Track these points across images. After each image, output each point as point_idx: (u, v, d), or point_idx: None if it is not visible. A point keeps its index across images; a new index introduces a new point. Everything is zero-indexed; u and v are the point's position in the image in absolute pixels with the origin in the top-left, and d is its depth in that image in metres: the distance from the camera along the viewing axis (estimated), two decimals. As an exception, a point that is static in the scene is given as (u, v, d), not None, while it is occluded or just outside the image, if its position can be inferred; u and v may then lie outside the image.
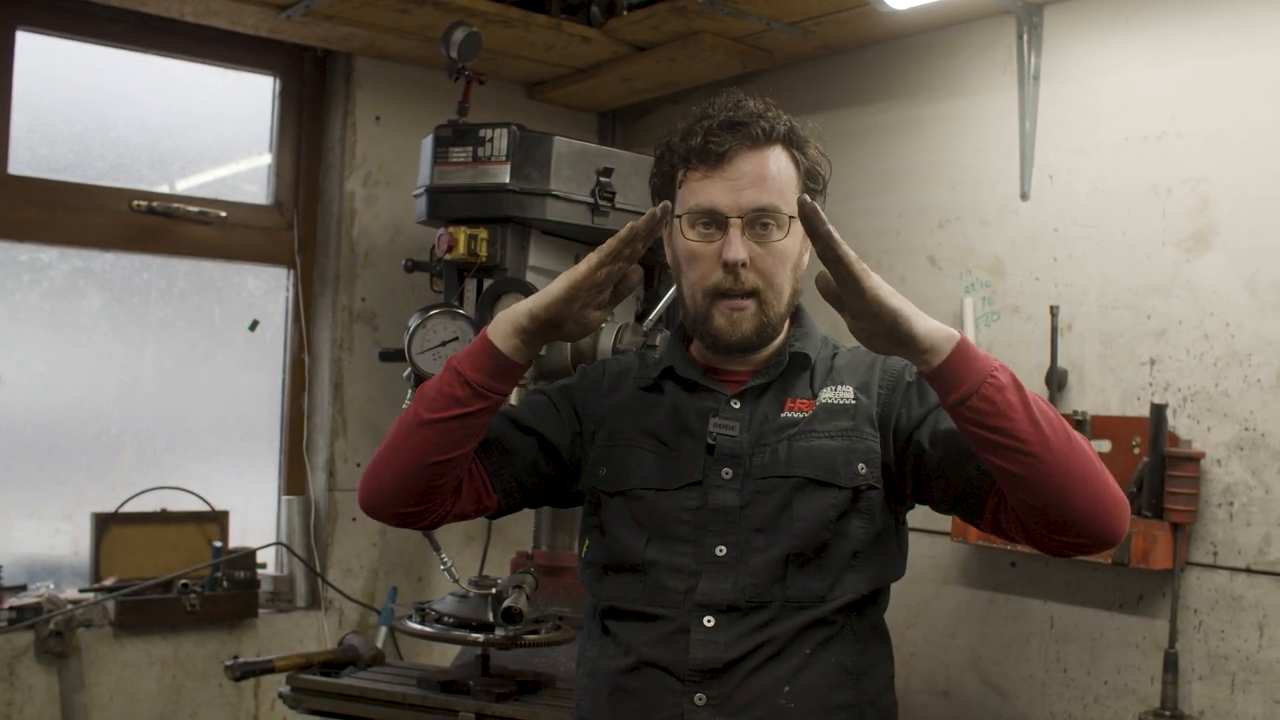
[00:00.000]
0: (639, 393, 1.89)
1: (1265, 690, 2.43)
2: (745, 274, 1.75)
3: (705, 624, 1.71)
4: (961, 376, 1.55)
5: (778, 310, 1.80)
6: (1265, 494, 2.45)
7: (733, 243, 1.73)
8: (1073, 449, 1.56)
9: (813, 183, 1.83)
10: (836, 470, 1.74)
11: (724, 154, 1.75)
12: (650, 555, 1.77)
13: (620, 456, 1.84)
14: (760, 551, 1.72)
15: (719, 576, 1.72)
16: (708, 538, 1.75)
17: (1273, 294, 2.46)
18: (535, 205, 2.71)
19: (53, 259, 3.27)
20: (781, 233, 1.75)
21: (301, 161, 3.66)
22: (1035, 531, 1.62)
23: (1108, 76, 2.76)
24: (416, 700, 2.53)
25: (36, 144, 3.24)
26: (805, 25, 3.11)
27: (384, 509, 1.78)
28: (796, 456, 1.75)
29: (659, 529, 1.78)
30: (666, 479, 1.79)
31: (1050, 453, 1.54)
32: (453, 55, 2.78)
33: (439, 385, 1.70)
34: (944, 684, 3.01)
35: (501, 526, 3.61)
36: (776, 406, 1.81)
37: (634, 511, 1.80)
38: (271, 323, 3.66)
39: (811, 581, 1.71)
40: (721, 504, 1.75)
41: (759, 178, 1.75)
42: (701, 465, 1.78)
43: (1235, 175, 2.52)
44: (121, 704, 3.19)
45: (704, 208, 1.76)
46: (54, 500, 3.30)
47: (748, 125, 1.76)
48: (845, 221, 3.21)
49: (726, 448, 1.77)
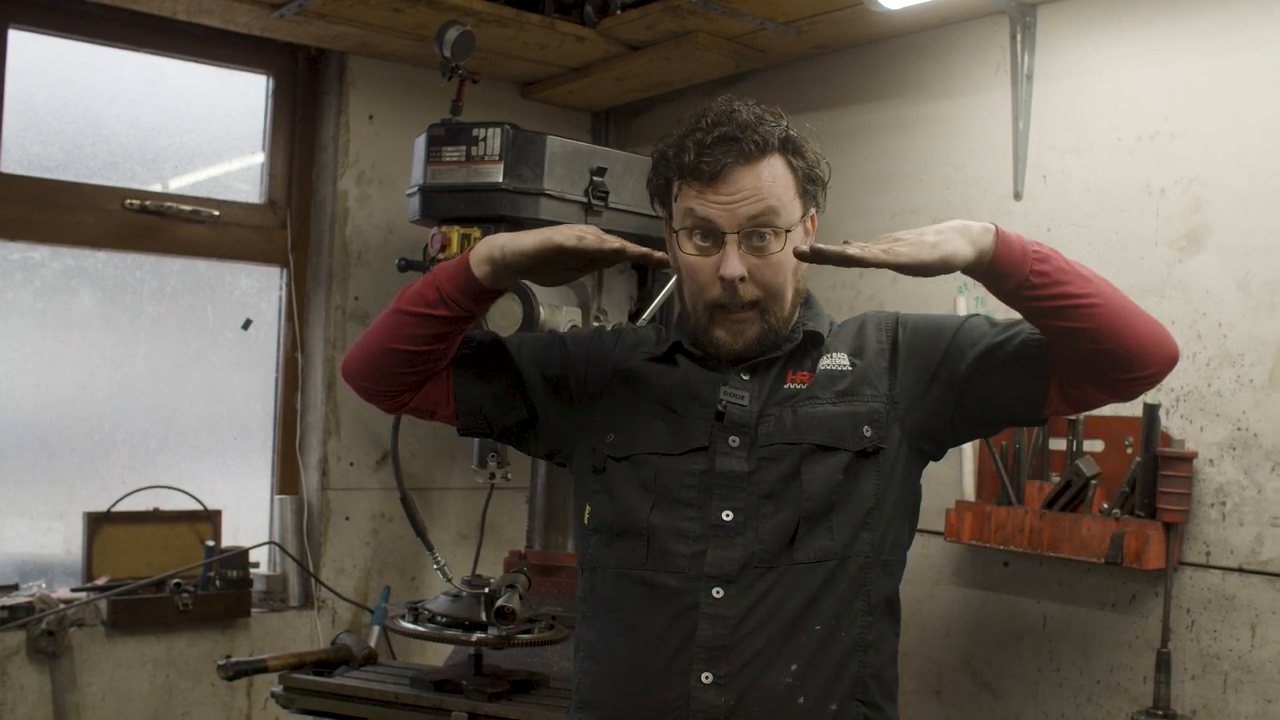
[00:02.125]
0: (650, 363, 1.90)
1: (1257, 690, 2.44)
2: (744, 288, 1.76)
3: (714, 595, 1.71)
4: (1011, 265, 1.64)
5: (781, 315, 1.82)
6: (1257, 494, 2.46)
7: (729, 259, 1.74)
8: (1114, 289, 1.68)
9: (811, 185, 1.83)
10: (843, 435, 1.77)
11: (718, 172, 1.74)
12: (655, 520, 1.78)
13: (629, 422, 1.86)
14: (768, 518, 1.74)
15: (726, 544, 1.73)
16: (714, 502, 1.76)
17: (1265, 294, 2.46)
18: (528, 205, 2.71)
19: (45, 257, 3.27)
20: (779, 243, 1.76)
21: (295, 160, 3.65)
22: (1109, 381, 1.70)
23: (1101, 76, 2.76)
24: (409, 700, 2.52)
25: (29, 142, 3.23)
26: (799, 25, 3.11)
27: (351, 377, 1.88)
28: (803, 423, 1.78)
29: (664, 493, 1.79)
30: (673, 444, 1.81)
31: (1105, 296, 1.66)
32: (446, 54, 2.78)
33: (420, 284, 1.79)
34: (936, 683, 3.01)
35: (495, 526, 3.62)
36: (780, 378, 1.84)
37: (640, 476, 1.81)
38: (264, 322, 3.65)
39: (822, 541, 1.73)
40: (729, 469, 1.77)
41: (754, 191, 1.74)
42: (709, 431, 1.80)
43: (1228, 175, 2.53)
44: (114, 703, 3.18)
45: (700, 224, 1.76)
46: (46, 499, 3.29)
47: (740, 141, 1.74)
48: (839, 222, 3.22)
49: (736, 416, 1.79)
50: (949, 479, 2.87)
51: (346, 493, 3.59)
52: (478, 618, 2.54)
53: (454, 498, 3.76)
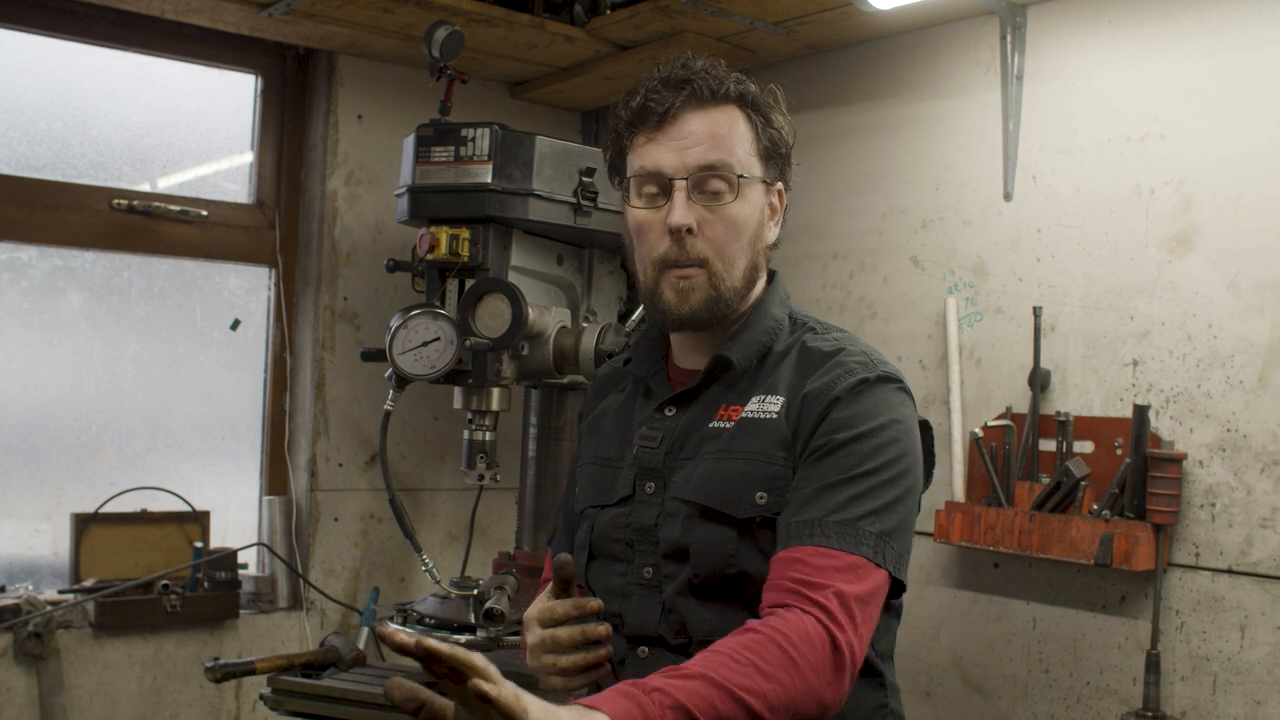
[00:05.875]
0: (612, 401, 1.81)
1: (1246, 691, 2.44)
2: (692, 241, 1.62)
3: (639, 655, 1.61)
4: None
5: (730, 284, 1.65)
6: (1247, 495, 2.46)
7: (676, 206, 1.60)
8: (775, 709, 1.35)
9: (775, 151, 1.70)
10: (731, 498, 1.59)
11: (666, 112, 1.62)
12: (591, 578, 1.69)
13: (584, 475, 1.77)
14: (671, 579, 1.61)
15: (645, 603, 1.61)
16: (637, 557, 1.64)
17: (1255, 295, 2.46)
18: (517, 205, 2.70)
19: (32, 257, 3.25)
20: (732, 195, 1.62)
21: (283, 160, 3.64)
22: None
23: (1091, 77, 2.76)
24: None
25: (15, 142, 3.22)
26: (789, 25, 3.11)
27: None
28: (700, 480, 1.61)
29: (599, 549, 1.69)
30: (608, 494, 1.70)
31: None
32: (435, 54, 2.77)
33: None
34: (926, 684, 3.01)
35: (484, 527, 3.61)
36: (708, 414, 1.67)
37: (583, 532, 1.72)
38: (253, 322, 3.64)
39: (720, 621, 1.55)
40: (640, 522, 1.64)
41: (706, 136, 1.61)
42: (632, 479, 1.68)
43: (1218, 176, 2.53)
44: (101, 705, 3.17)
45: (647, 170, 1.63)
46: (33, 500, 3.27)
47: (693, 82, 1.62)
48: (828, 221, 3.23)
49: (644, 460, 1.66)
50: (939, 480, 2.85)
51: (335, 494, 3.58)
52: (466, 619, 2.54)
53: (443, 499, 3.75)
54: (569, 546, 1.81)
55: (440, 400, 3.54)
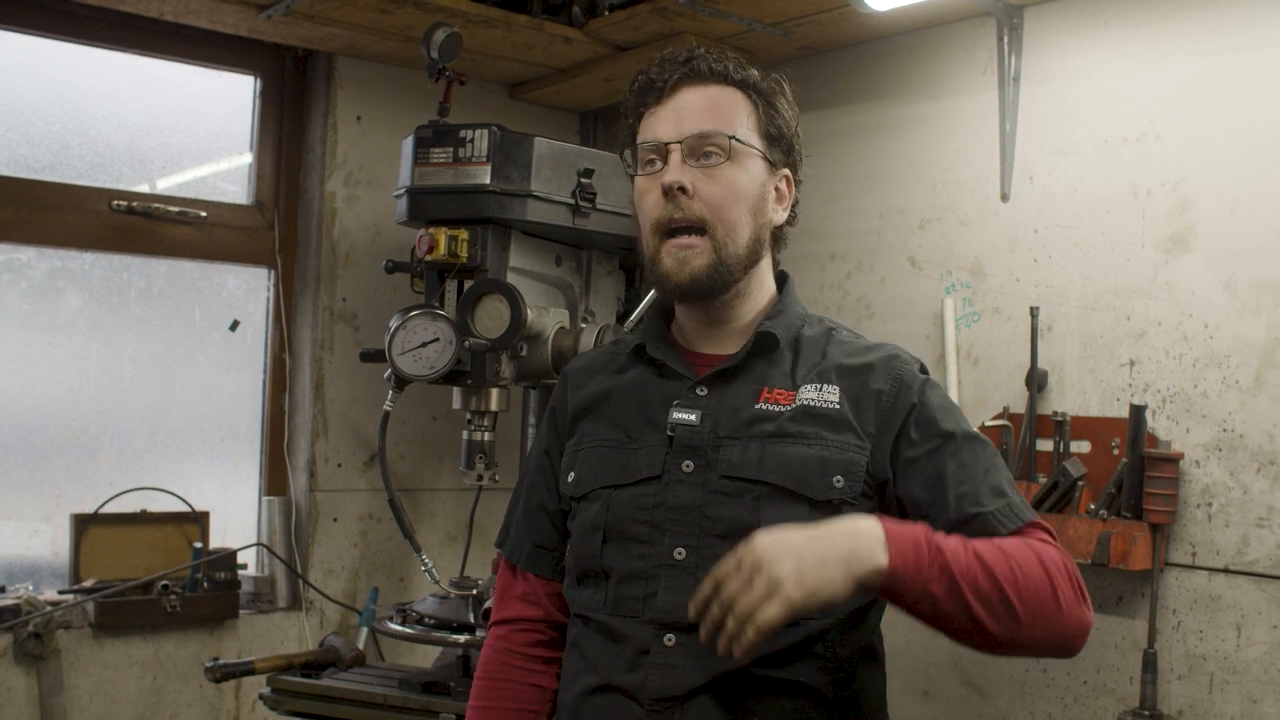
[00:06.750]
0: (607, 385, 1.77)
1: (1243, 690, 2.45)
2: (688, 202, 1.62)
3: (665, 643, 1.58)
4: (903, 590, 1.52)
5: (733, 250, 1.65)
6: (1243, 495, 2.47)
7: (670, 167, 1.63)
8: (1025, 605, 1.49)
9: (778, 134, 1.71)
10: (809, 481, 1.59)
11: (665, 86, 1.68)
12: (607, 560, 1.65)
13: (585, 458, 1.73)
14: (717, 561, 1.53)
15: (678, 586, 1.58)
16: (665, 538, 1.61)
17: (1251, 296, 2.47)
18: (516, 206, 2.70)
19: (31, 259, 3.25)
20: (725, 156, 1.64)
21: (282, 161, 3.64)
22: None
23: (1088, 78, 2.77)
24: (397, 701, 2.53)
25: (15, 143, 3.22)
26: (786, 26, 3.11)
27: None
28: (768, 460, 1.60)
29: (615, 530, 1.65)
30: (624, 474, 1.67)
31: (1000, 626, 1.53)
32: (433, 55, 2.77)
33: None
34: (924, 684, 3.02)
35: (483, 527, 3.62)
36: (750, 395, 1.66)
37: (594, 513, 1.68)
38: (252, 323, 3.64)
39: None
40: (679, 501, 1.61)
41: (704, 107, 1.66)
42: (662, 458, 1.65)
43: (1214, 177, 2.54)
44: (101, 706, 3.17)
45: (647, 141, 1.68)
46: (33, 501, 3.27)
47: (694, 60, 1.69)
48: (826, 222, 3.23)
49: (685, 439, 1.63)
50: (936, 480, 2.87)
51: (334, 494, 3.59)
52: (466, 619, 2.54)
53: (442, 499, 3.76)
54: (533, 546, 1.80)
55: (439, 401, 3.55)
